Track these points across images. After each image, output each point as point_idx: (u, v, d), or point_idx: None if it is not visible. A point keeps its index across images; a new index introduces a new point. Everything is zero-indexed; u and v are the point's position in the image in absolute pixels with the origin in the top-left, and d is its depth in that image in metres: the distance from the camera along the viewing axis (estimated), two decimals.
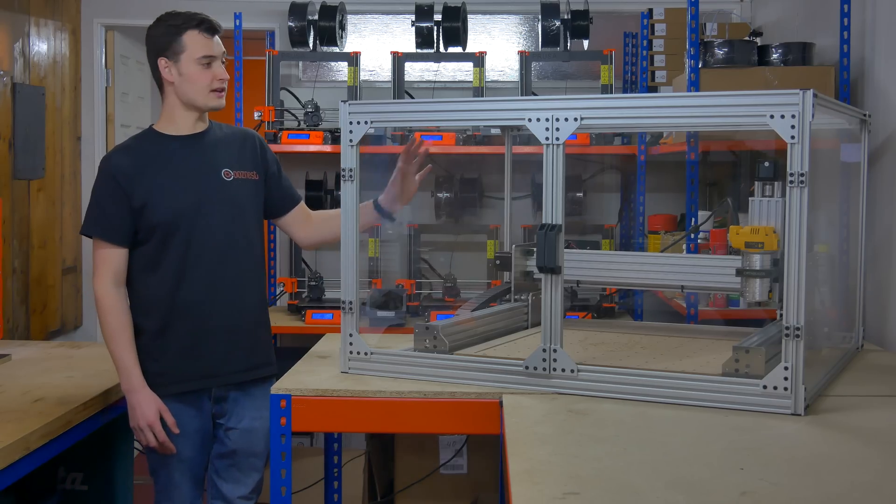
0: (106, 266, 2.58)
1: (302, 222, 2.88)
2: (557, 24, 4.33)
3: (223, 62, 2.63)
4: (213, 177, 2.66)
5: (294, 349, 2.90)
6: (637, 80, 4.58)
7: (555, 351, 2.19)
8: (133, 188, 2.57)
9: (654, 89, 4.33)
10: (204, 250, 2.62)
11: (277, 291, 4.47)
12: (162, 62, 2.60)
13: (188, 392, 2.64)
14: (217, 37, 2.63)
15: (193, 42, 2.57)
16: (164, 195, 2.59)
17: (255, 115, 4.29)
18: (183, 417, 2.64)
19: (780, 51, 3.49)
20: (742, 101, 2.06)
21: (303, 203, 2.90)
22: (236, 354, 2.68)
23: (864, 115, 2.73)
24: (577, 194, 4.48)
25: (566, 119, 2.15)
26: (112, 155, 2.66)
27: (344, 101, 2.39)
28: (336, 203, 4.42)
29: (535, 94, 4.40)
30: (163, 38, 2.59)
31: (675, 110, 2.19)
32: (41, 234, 4.43)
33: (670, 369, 2.21)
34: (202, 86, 2.59)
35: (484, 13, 4.92)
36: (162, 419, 2.57)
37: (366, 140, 2.38)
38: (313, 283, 4.25)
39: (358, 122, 2.36)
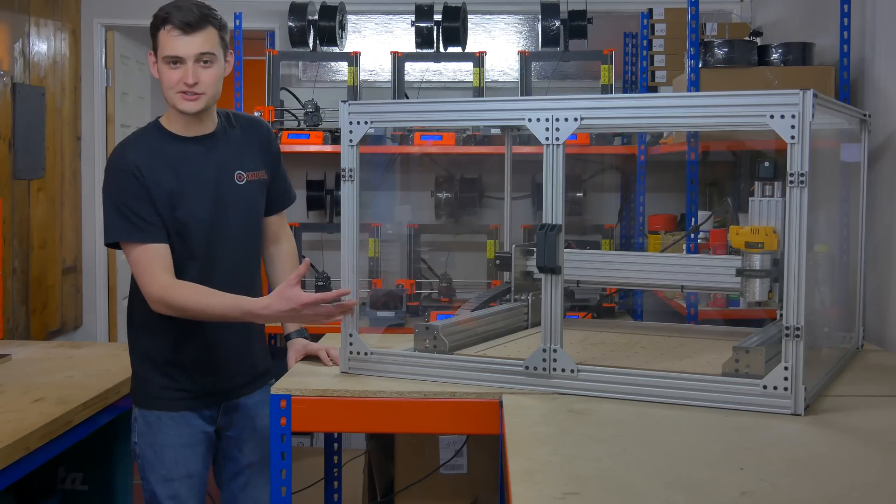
0: (156, 265, 2.35)
1: (268, 239, 2.70)
2: (557, 24, 4.34)
3: (205, 61, 2.36)
4: (228, 182, 2.50)
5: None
6: (637, 80, 4.58)
7: (555, 351, 2.19)
8: (152, 187, 2.38)
9: (654, 89, 4.33)
10: (222, 262, 2.48)
11: None
12: (151, 58, 2.43)
13: (194, 408, 2.52)
14: (196, 34, 2.34)
15: (163, 40, 2.35)
16: (182, 202, 2.41)
17: (255, 114, 4.29)
18: (193, 430, 2.52)
19: (780, 51, 3.49)
20: (742, 101, 2.06)
21: (283, 214, 2.72)
22: (245, 366, 2.61)
23: (864, 115, 2.73)
24: (577, 194, 4.48)
25: (566, 119, 2.15)
26: (125, 151, 2.42)
27: (344, 101, 2.38)
28: (337, 204, 4.42)
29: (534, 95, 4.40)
30: (150, 31, 2.42)
31: (675, 110, 2.19)
32: (41, 234, 4.43)
33: (670, 369, 2.21)
34: (167, 87, 2.38)
35: (484, 13, 4.92)
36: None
37: (366, 140, 2.37)
38: (320, 284, 4.23)
39: (358, 122, 2.35)
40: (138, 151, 2.42)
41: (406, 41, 4.66)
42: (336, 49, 4.52)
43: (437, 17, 4.40)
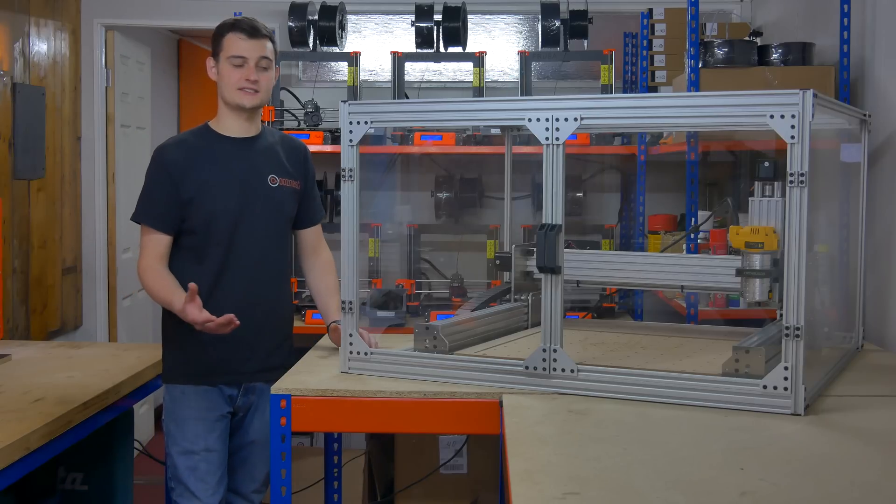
0: (150, 249, 2.69)
1: (307, 251, 2.96)
2: (557, 24, 4.33)
3: (263, 66, 2.72)
4: (259, 181, 2.76)
5: (294, 349, 2.90)
6: (637, 80, 4.58)
7: (555, 351, 2.19)
8: (182, 181, 2.69)
9: (654, 89, 4.33)
10: (245, 253, 2.73)
11: None
12: (209, 62, 2.77)
13: (214, 384, 2.73)
14: (258, 41, 2.71)
15: (229, 43, 2.71)
16: (211, 193, 2.69)
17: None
18: (213, 405, 2.72)
19: (780, 51, 3.49)
20: (742, 101, 2.06)
21: (319, 229, 2.97)
22: (258, 356, 2.76)
23: (864, 115, 2.73)
24: (577, 194, 4.48)
25: (566, 119, 2.15)
26: (166, 146, 2.77)
27: (344, 101, 2.39)
28: (337, 204, 4.42)
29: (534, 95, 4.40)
30: (212, 40, 2.76)
31: (675, 110, 2.19)
32: (41, 234, 4.43)
33: (670, 369, 2.21)
34: (230, 83, 2.71)
35: (484, 13, 4.92)
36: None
37: (366, 140, 2.38)
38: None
39: (358, 122, 2.36)
40: (177, 149, 2.75)
41: (406, 41, 4.66)
42: (336, 49, 4.51)
43: (437, 17, 4.40)
